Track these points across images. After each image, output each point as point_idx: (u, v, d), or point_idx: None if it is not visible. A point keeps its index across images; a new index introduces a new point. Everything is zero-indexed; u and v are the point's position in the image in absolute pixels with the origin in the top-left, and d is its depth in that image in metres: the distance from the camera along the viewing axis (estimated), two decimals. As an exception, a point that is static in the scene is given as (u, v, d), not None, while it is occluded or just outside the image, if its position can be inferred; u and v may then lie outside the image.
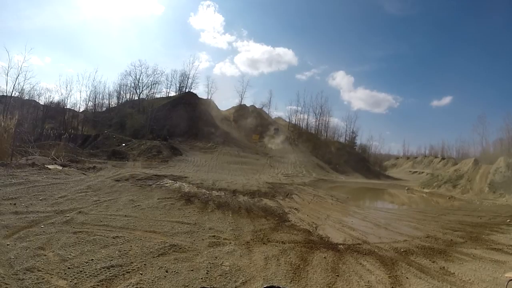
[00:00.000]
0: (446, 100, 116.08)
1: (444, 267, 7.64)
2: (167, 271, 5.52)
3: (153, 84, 59.37)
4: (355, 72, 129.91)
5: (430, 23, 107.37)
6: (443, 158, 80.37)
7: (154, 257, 6.12)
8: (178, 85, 63.14)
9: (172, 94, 62.15)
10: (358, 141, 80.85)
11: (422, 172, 70.97)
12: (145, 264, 5.73)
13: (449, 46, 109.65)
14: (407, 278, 6.75)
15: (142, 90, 58.02)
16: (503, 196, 25.15)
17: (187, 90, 62.32)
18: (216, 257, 6.58)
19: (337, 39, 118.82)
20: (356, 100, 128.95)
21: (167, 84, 64.51)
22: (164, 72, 68.38)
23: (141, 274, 5.30)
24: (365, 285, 6.07)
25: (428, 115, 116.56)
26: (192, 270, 5.71)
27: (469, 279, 6.94)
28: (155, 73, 59.48)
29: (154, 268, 5.59)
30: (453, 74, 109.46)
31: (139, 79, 57.61)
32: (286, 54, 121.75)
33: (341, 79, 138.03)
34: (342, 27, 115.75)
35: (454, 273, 7.31)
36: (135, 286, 4.90)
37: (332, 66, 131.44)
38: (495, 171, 34.37)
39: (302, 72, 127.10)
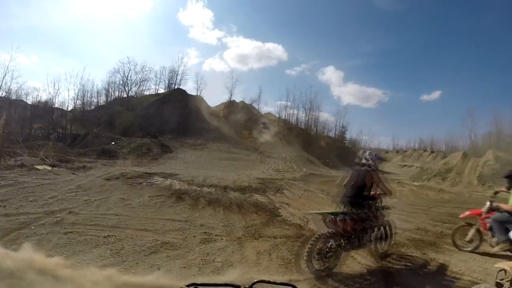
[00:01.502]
0: (436, 94, 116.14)
1: (434, 259, 7.73)
2: (159, 269, 5.52)
3: (142, 81, 57.89)
4: (344, 67, 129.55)
5: (420, 18, 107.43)
6: (432, 152, 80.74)
7: (146, 255, 6.12)
8: (167, 81, 61.60)
9: (161, 91, 60.78)
10: (348, 136, 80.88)
11: (412, 166, 71.28)
12: (137, 263, 5.73)
13: (439, 41, 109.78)
14: (398, 269, 6.84)
15: (130, 88, 56.60)
16: (492, 188, 25.39)
17: (176, 87, 61.22)
18: (208, 254, 6.59)
19: (327, 34, 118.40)
20: (345, 95, 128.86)
21: (156, 81, 62.13)
22: (153, 69, 67.03)
23: (133, 272, 5.29)
24: (359, 278, 6.12)
25: (418, 109, 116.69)
26: (184, 267, 5.71)
27: (460, 270, 7.02)
28: (143, 70, 57.67)
29: (146, 266, 5.58)
30: (443, 69, 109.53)
31: (127, 77, 56.04)
32: (276, 50, 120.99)
33: (330, 74, 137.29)
34: (333, 22, 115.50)
35: (444, 264, 7.41)
36: (127, 285, 4.89)
37: (322, 61, 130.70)
38: (484, 164, 34.91)
39: (292, 68, 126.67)
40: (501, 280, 4.23)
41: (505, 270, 4.00)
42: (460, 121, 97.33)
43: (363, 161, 7.08)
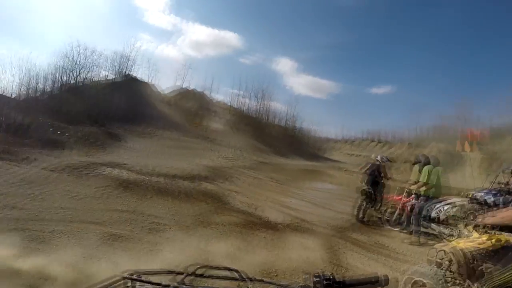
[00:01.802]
0: (386, 88, 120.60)
1: (378, 241, 8.12)
2: (106, 263, 5.38)
3: (92, 67, 52.97)
4: (299, 58, 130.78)
5: (376, 16, 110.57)
6: (379, 142, 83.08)
7: (93, 249, 5.99)
8: (118, 67, 57.47)
9: (112, 77, 57.04)
10: (298, 125, 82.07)
11: (360, 155, 73.25)
12: (83, 257, 5.60)
13: (392, 38, 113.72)
14: (344, 252, 7.12)
15: (79, 73, 51.79)
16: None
17: (127, 73, 57.99)
18: (156, 244, 6.56)
19: (284, 24, 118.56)
20: (298, 86, 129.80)
21: (107, 66, 57.41)
22: (103, 54, 63.99)
23: (80, 268, 5.16)
24: (304, 262, 6.30)
25: (367, 101, 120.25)
26: (132, 259, 5.66)
27: (402, 251, 7.44)
28: (94, 54, 52.19)
29: (93, 260, 5.47)
30: (394, 65, 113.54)
31: (76, 61, 51.16)
32: (231, 38, 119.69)
33: (284, 64, 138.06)
34: (290, 13, 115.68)
35: (388, 246, 7.81)
36: (70, 282, 4.77)
37: (277, 51, 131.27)
38: (427, 154, 36.70)
39: (246, 56, 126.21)
40: (440, 259, 4.57)
41: (444, 251, 4.30)
42: (407, 114, 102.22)
43: (378, 159, 11.42)
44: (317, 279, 1.12)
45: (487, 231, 3.96)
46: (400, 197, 9.04)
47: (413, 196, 8.60)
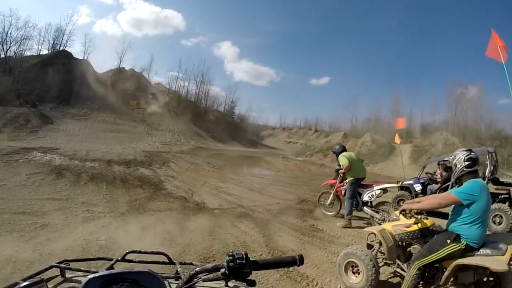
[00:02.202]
0: (324, 80, 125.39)
1: (313, 225, 8.31)
2: (40, 255, 5.13)
3: (24, 39, 49.32)
4: (241, 43, 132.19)
5: (321, 9, 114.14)
6: (316, 131, 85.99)
7: (25, 241, 5.64)
8: (51, 41, 54.64)
9: (45, 52, 53.43)
10: (237, 111, 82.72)
11: (297, 142, 75.07)
12: (16, 250, 5.27)
13: (333, 33, 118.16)
14: (280, 236, 7.21)
15: (10, 46, 47.85)
16: (367, 165, 27.82)
17: (61, 48, 54.88)
18: (91, 233, 6.31)
19: (229, 9, 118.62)
20: (239, 71, 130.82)
21: (40, 40, 54.47)
22: (37, 26, 59.72)
23: (13, 262, 4.88)
24: (241, 245, 6.34)
25: (306, 91, 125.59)
26: (67, 250, 5.40)
27: (336, 234, 7.67)
28: (26, 26, 49.47)
29: (26, 253, 5.17)
30: (334, 58, 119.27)
31: (7, 33, 47.44)
32: (175, 18, 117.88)
33: (226, 49, 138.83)
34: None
35: (322, 229, 7.99)
36: (7, 276, 4.52)
37: (220, 35, 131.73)
38: (362, 144, 38.90)
39: (188, 38, 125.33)
40: (371, 242, 4.77)
41: (374, 233, 4.48)
42: (344, 106, 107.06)
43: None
44: (230, 257, 1.13)
45: (413, 216, 4.16)
46: (334, 181, 9.32)
47: (346, 181, 8.91)
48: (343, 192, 8.96)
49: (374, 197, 8.24)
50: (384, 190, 8.47)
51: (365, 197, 8.27)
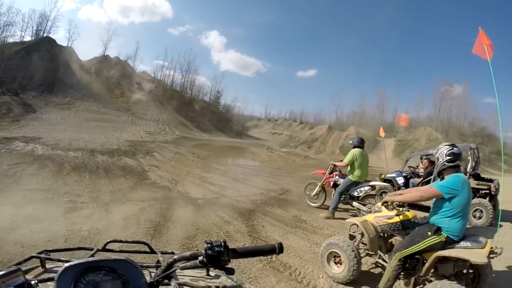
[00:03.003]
0: (311, 72, 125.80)
1: (296, 216, 8.36)
2: (22, 246, 5.04)
3: (6, 26, 46.98)
4: (229, 34, 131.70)
5: (311, 2, 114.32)
6: (301, 123, 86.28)
7: (6, 233, 5.53)
8: (35, 28, 52.58)
9: (28, 38, 51.43)
10: (222, 101, 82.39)
11: (282, 134, 75.28)
12: None
13: (322, 27, 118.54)
14: (263, 226, 7.24)
15: None
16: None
17: (45, 35, 53.03)
18: (73, 223, 6.21)
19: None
20: (225, 61, 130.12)
21: (23, 26, 52.16)
22: (20, 11, 57.77)
23: None
24: (224, 235, 6.35)
25: (293, 83, 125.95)
26: (49, 241, 5.32)
27: (319, 225, 7.72)
28: (10, 11, 47.33)
29: (8, 245, 5.07)
30: (321, 51, 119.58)
31: None
32: (162, 5, 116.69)
33: (214, 39, 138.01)
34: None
35: (305, 220, 8.04)
36: None
37: (207, 24, 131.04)
38: (346, 137, 39.57)
39: (175, 27, 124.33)
40: (354, 232, 4.82)
41: (356, 225, 4.52)
42: (330, 99, 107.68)
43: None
44: (208, 245, 1.12)
45: (395, 208, 4.21)
46: (324, 171, 9.32)
47: (336, 173, 8.93)
48: (331, 183, 9.01)
49: (363, 193, 8.29)
50: (373, 187, 8.53)
51: (354, 192, 8.30)
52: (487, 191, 8.74)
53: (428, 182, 8.64)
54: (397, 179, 10.53)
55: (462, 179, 3.70)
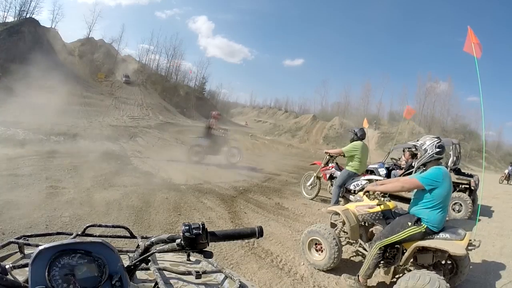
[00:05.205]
0: (298, 61, 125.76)
1: (279, 203, 8.42)
2: (3, 234, 4.94)
3: None
4: (217, 19, 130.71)
5: None
6: (286, 111, 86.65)
7: None
8: (18, 8, 51.43)
9: (10, 19, 50.39)
10: (207, 87, 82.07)
11: (266, 122, 75.41)
12: None
13: (311, 16, 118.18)
14: (245, 213, 7.28)
15: None
16: (334, 147, 28.43)
17: (28, 16, 51.70)
18: (55, 209, 6.11)
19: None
20: (212, 47, 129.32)
21: (6, 6, 51.72)
22: None
23: None
24: (206, 221, 6.35)
25: (279, 71, 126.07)
26: (30, 227, 5.23)
27: (301, 213, 7.81)
28: None
29: None
30: (309, 41, 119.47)
31: None
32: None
33: (201, 24, 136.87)
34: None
35: (288, 207, 8.12)
36: None
37: (196, 8, 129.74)
38: (330, 127, 39.94)
39: (163, 10, 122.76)
40: (335, 221, 4.87)
41: (338, 213, 4.57)
42: (315, 88, 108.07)
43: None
44: (186, 227, 1.11)
45: (376, 197, 4.27)
46: (320, 162, 9.30)
47: (333, 165, 8.90)
48: (327, 175, 8.98)
49: (360, 187, 8.31)
50: (370, 181, 8.58)
51: (351, 186, 8.28)
52: (467, 186, 8.92)
53: (409, 174, 8.76)
54: (379, 170, 10.62)
55: (444, 172, 3.76)
